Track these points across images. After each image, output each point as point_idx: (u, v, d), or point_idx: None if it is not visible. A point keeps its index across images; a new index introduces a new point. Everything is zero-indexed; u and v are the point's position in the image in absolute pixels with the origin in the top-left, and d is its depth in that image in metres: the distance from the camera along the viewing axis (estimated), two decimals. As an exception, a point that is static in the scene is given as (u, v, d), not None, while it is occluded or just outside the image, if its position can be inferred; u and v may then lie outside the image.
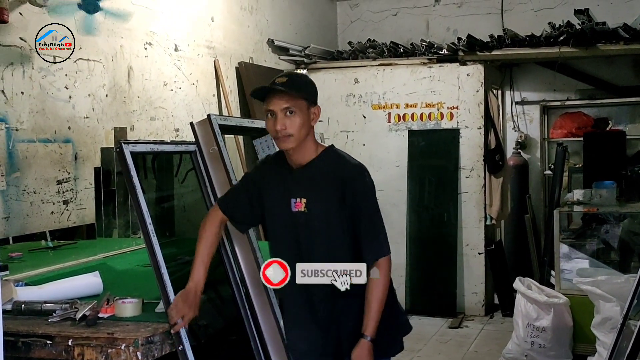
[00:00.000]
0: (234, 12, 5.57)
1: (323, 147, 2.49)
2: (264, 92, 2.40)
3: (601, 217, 5.57)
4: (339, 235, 2.42)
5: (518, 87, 7.09)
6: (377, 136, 6.49)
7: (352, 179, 2.41)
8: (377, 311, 2.38)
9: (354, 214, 2.40)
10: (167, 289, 2.39)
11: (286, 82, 2.37)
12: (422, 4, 7.35)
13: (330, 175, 2.41)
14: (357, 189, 2.41)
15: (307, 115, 2.39)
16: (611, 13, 6.24)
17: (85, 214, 3.88)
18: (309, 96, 2.42)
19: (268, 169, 2.57)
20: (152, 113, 4.48)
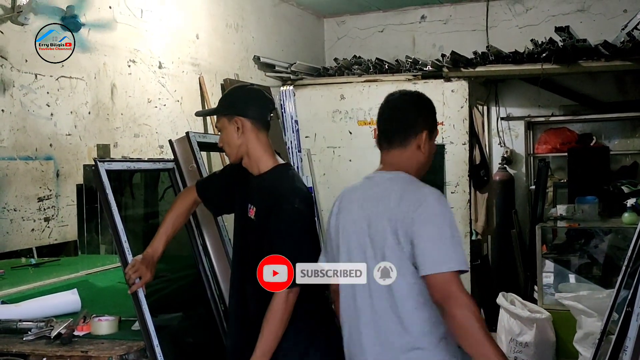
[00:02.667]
0: (219, 29, 5.61)
1: (276, 163, 2.48)
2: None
3: (584, 232, 5.61)
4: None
5: (503, 102, 7.15)
6: (363, 152, 6.51)
7: (278, 205, 2.31)
8: (266, 342, 2.24)
9: (272, 240, 2.31)
10: (142, 307, 2.39)
11: (218, 102, 2.53)
12: (408, 20, 7.41)
13: (268, 193, 2.39)
14: (279, 216, 2.29)
15: (231, 129, 2.42)
16: (594, 30, 6.31)
17: (67, 230, 3.88)
18: (225, 110, 2.45)
19: (244, 167, 2.59)
20: (135, 130, 4.49)
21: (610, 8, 6.59)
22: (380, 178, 2.23)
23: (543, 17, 6.84)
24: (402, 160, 2.22)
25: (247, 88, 2.57)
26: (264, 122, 2.48)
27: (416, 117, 2.25)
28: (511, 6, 7.01)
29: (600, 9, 6.67)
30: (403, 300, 2.01)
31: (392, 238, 2.02)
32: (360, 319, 2.09)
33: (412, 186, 2.12)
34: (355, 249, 2.13)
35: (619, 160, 6.65)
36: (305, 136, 6.68)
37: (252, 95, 2.48)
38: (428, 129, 2.23)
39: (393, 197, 2.08)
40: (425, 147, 2.23)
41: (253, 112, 2.43)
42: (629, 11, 6.30)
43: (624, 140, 6.79)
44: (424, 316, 2.00)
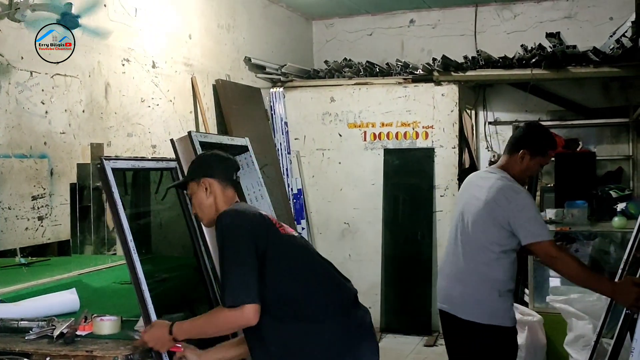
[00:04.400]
0: (212, 30, 5.59)
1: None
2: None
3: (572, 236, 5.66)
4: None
5: (491, 107, 7.20)
6: (352, 154, 6.53)
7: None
8: (199, 324, 2.33)
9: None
10: (147, 306, 2.37)
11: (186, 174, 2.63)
12: (397, 24, 7.45)
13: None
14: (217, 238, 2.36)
15: (201, 190, 2.49)
16: (580, 37, 6.39)
17: (60, 230, 3.83)
18: (192, 174, 2.53)
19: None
20: (129, 129, 4.46)
21: (597, 15, 6.69)
22: (487, 170, 3.26)
23: (531, 23, 6.92)
24: (506, 163, 3.11)
25: (211, 153, 2.64)
26: (230, 181, 2.54)
27: (522, 138, 3.10)
28: (500, 12, 7.08)
29: (587, 16, 6.76)
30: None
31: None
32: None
33: (500, 181, 3.00)
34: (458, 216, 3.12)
35: (604, 165, 6.73)
36: (294, 138, 6.68)
37: (215, 158, 2.57)
38: (529, 150, 3.04)
39: (485, 184, 3.04)
40: (524, 162, 3.06)
41: (218, 172, 2.51)
42: (615, 19, 6.40)
43: (609, 146, 6.87)
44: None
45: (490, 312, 2.95)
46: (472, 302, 2.97)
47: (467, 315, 2.98)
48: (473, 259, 3.00)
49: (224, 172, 2.54)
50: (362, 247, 6.50)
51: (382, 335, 6.16)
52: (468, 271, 3.01)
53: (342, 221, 6.57)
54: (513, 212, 2.90)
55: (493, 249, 2.95)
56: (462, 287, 3.02)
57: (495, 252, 2.95)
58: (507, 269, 2.97)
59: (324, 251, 5.93)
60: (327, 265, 2.46)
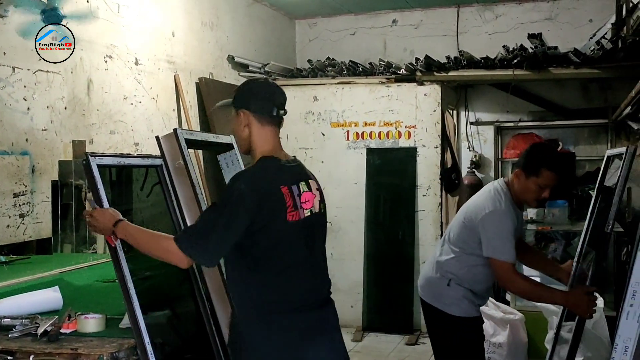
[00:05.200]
0: (195, 28, 5.56)
1: (261, 156, 2.40)
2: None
3: (552, 235, 5.74)
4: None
5: (473, 108, 7.25)
6: (335, 154, 6.54)
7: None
8: (141, 237, 2.31)
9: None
10: (133, 303, 2.35)
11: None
12: (379, 24, 7.47)
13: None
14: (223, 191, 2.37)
15: (238, 121, 2.38)
16: (561, 38, 6.46)
17: (41, 227, 3.79)
18: (234, 101, 2.42)
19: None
20: (111, 126, 4.42)
21: (577, 17, 6.77)
22: (497, 181, 3.27)
23: (512, 24, 6.98)
24: (511, 180, 3.16)
25: (255, 81, 2.55)
26: (269, 116, 2.35)
27: (521, 157, 3.18)
28: (481, 13, 7.13)
29: (567, 18, 6.84)
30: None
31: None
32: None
33: (490, 194, 3.13)
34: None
35: (583, 165, 6.81)
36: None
37: (257, 89, 2.42)
38: (523, 170, 3.08)
39: (484, 190, 3.23)
40: (520, 181, 3.09)
41: (255, 105, 2.35)
42: (595, 20, 6.49)
43: (588, 147, 6.95)
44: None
45: (436, 295, 3.22)
46: (426, 282, 3.30)
47: (422, 294, 3.31)
48: (441, 250, 3.27)
49: (261, 105, 2.36)
50: (345, 246, 6.51)
51: (364, 334, 6.17)
52: (434, 258, 3.29)
53: (325, 220, 6.57)
54: (485, 223, 3.05)
55: (457, 246, 3.19)
56: (426, 271, 3.34)
57: (457, 250, 3.18)
58: (463, 268, 3.16)
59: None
60: (312, 261, 2.39)
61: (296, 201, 2.29)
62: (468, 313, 3.19)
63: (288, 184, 2.29)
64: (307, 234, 2.35)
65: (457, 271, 3.17)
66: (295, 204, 2.28)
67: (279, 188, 2.26)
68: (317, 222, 2.41)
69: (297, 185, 2.32)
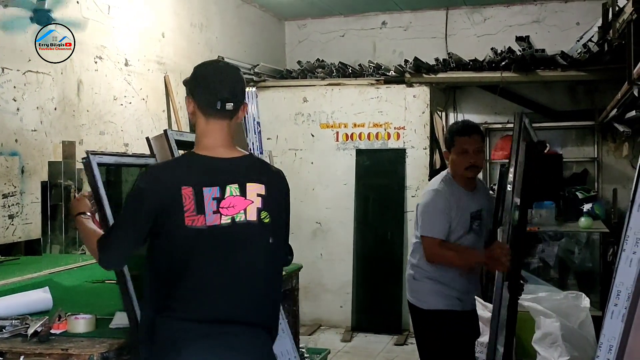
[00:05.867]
0: (185, 29, 5.57)
1: (188, 151, 2.30)
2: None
3: (540, 236, 5.79)
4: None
5: (461, 109, 7.30)
6: (325, 155, 6.56)
7: None
8: (84, 232, 2.27)
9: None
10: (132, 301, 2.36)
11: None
12: (369, 26, 7.50)
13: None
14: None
15: (187, 105, 2.21)
16: (548, 41, 6.52)
17: (30, 228, 3.79)
18: (185, 84, 2.24)
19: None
20: (101, 127, 4.43)
21: (564, 20, 6.84)
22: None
23: (500, 27, 7.03)
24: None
25: (205, 66, 2.20)
26: (213, 110, 2.09)
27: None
28: (470, 15, 7.18)
29: (554, 20, 6.90)
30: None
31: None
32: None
33: (433, 181, 3.39)
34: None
35: (570, 167, 6.87)
36: (267, 138, 6.68)
37: (202, 77, 2.13)
38: (447, 149, 3.33)
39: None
40: (450, 160, 3.33)
41: (199, 96, 2.12)
42: (582, 24, 6.55)
43: (575, 148, 7.02)
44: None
45: (411, 292, 3.35)
46: (406, 280, 3.43)
47: (407, 293, 3.43)
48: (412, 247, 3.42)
49: (207, 98, 2.09)
50: (334, 247, 6.54)
51: (353, 334, 6.20)
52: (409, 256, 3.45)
53: (314, 221, 6.60)
54: (419, 205, 3.32)
55: (414, 236, 3.37)
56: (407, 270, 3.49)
57: (415, 241, 3.35)
58: (422, 258, 3.28)
59: (295, 251, 5.84)
60: (227, 278, 2.05)
61: (204, 205, 2.01)
62: (438, 306, 3.23)
63: (198, 185, 2.03)
64: (222, 244, 2.04)
65: (418, 261, 3.31)
66: (200, 208, 2.01)
67: (179, 188, 2.01)
68: (246, 233, 2.07)
69: (222, 187, 2.05)
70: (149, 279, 2.13)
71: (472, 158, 3.24)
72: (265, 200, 2.09)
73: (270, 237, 2.11)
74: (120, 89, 4.65)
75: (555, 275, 5.68)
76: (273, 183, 2.16)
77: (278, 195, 2.17)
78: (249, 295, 2.07)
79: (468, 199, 3.28)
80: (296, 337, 3.68)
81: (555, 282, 5.47)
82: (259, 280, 2.10)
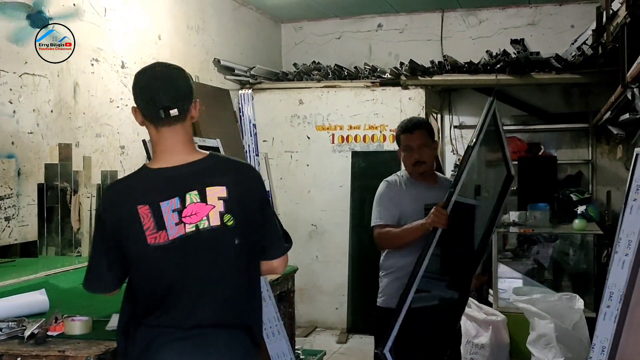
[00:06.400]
0: (181, 31, 5.58)
1: (144, 164, 2.26)
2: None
3: (534, 238, 5.82)
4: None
5: (456, 111, 7.33)
6: (320, 157, 6.58)
7: None
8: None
9: None
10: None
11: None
12: (365, 28, 7.52)
13: None
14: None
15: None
16: (543, 43, 6.55)
17: (27, 230, 3.80)
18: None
19: None
20: (97, 130, 4.43)
21: (559, 23, 6.87)
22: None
23: (495, 29, 7.06)
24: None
25: (141, 73, 2.08)
26: (158, 118, 2.02)
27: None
28: (465, 18, 7.21)
29: (549, 23, 6.94)
30: None
31: None
32: None
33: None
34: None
35: (565, 169, 6.90)
36: (263, 140, 6.69)
37: (139, 87, 2.06)
38: (399, 148, 3.40)
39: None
40: (401, 158, 3.41)
41: (141, 106, 2.05)
42: (576, 27, 6.58)
43: (569, 150, 7.05)
44: None
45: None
46: None
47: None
48: None
49: (149, 108, 2.02)
50: (330, 249, 6.56)
51: (348, 336, 6.22)
52: None
53: (310, 223, 6.62)
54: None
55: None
56: None
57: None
58: (385, 254, 3.44)
59: (291, 252, 5.83)
60: (188, 289, 2.03)
61: (164, 220, 1.98)
62: (390, 304, 3.27)
63: (154, 201, 1.99)
64: (188, 253, 2.01)
65: (381, 259, 3.50)
66: (160, 225, 1.98)
67: (135, 208, 1.98)
68: (211, 238, 2.02)
69: (181, 197, 2.00)
70: (125, 289, 2.16)
71: (417, 154, 3.29)
72: (227, 203, 2.02)
73: (235, 239, 2.04)
74: (117, 92, 4.65)
75: (550, 277, 5.70)
76: (238, 182, 2.06)
77: (244, 194, 2.07)
78: (220, 299, 2.05)
79: (424, 191, 3.30)
80: (292, 338, 3.70)
81: (549, 284, 5.50)
82: (228, 283, 2.07)
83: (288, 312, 3.75)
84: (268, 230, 2.16)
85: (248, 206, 2.07)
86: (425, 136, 3.33)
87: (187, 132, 2.09)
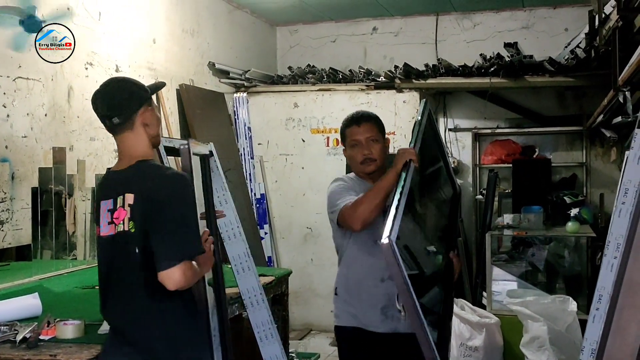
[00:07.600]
0: (176, 35, 5.59)
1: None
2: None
3: (528, 240, 5.84)
4: None
5: (451, 114, 7.34)
6: (315, 160, 6.59)
7: None
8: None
9: None
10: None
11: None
12: (360, 31, 7.54)
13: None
14: None
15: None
16: (537, 46, 6.57)
17: (21, 234, 3.80)
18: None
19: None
20: (91, 133, 4.44)
21: (553, 26, 6.90)
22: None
23: (490, 32, 7.08)
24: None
25: (102, 84, 2.28)
26: (107, 128, 2.27)
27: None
28: (460, 21, 7.23)
29: (543, 26, 6.96)
30: None
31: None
32: None
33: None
34: None
35: (559, 171, 6.92)
36: (258, 143, 6.72)
37: (92, 98, 2.27)
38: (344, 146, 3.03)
39: None
40: (347, 158, 3.02)
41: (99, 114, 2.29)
42: (570, 30, 6.61)
43: (563, 153, 7.07)
44: None
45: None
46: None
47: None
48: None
49: (99, 117, 2.25)
50: (324, 252, 6.55)
51: (343, 339, 6.21)
52: None
53: (305, 226, 6.63)
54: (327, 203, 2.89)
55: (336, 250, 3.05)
56: None
57: (338, 254, 3.03)
58: (341, 269, 2.99)
59: (286, 255, 6.04)
60: (110, 286, 2.26)
61: (100, 217, 2.22)
62: (344, 320, 2.97)
63: (99, 199, 2.27)
64: (107, 253, 2.24)
65: (337, 275, 3.03)
66: (98, 220, 2.24)
67: (99, 202, 2.26)
68: (120, 242, 2.17)
69: (114, 199, 2.19)
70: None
71: (366, 149, 2.88)
72: (132, 210, 2.14)
73: (136, 247, 2.13)
74: (111, 95, 4.66)
75: (544, 279, 5.72)
76: (146, 190, 2.14)
77: (147, 203, 2.12)
78: (118, 303, 2.23)
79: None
80: (285, 341, 3.71)
81: (543, 286, 5.52)
82: (125, 288, 2.20)
83: (282, 315, 3.76)
84: (160, 241, 2.12)
85: (152, 215, 2.12)
86: (374, 129, 2.93)
87: (139, 139, 2.25)
